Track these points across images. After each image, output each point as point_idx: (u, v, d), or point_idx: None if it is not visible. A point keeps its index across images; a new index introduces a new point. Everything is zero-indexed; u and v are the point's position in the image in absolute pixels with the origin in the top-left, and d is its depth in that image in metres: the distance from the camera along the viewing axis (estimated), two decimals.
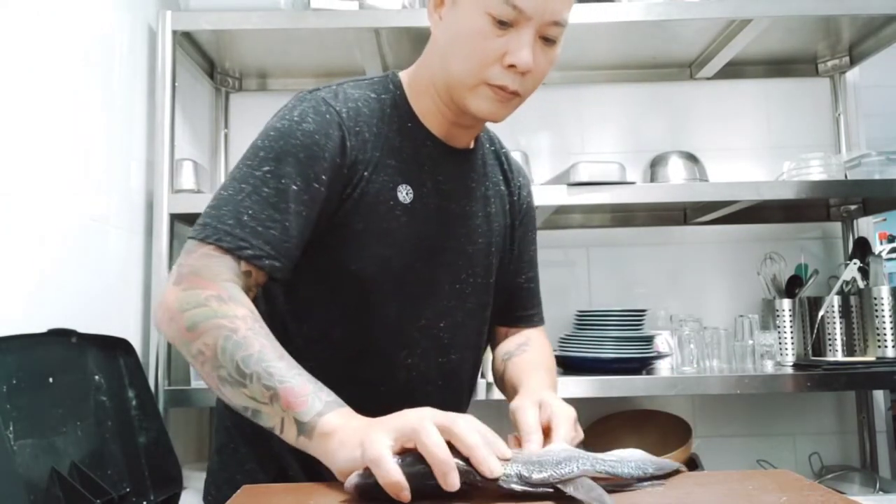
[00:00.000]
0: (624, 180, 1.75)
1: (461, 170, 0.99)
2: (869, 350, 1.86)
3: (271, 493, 0.71)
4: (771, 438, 2.07)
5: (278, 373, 0.72)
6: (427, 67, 0.95)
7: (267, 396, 0.72)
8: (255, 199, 0.83)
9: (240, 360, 0.73)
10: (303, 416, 0.70)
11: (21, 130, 1.21)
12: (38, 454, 1.08)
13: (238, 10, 1.73)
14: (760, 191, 1.75)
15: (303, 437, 0.70)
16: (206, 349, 0.76)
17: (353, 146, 0.89)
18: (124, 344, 1.38)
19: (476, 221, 1.00)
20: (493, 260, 1.03)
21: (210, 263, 0.80)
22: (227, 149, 2.14)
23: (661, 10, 1.77)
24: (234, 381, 0.74)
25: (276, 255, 0.82)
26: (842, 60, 2.11)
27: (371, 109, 0.92)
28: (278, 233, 0.82)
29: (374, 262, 0.90)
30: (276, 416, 0.72)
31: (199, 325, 0.76)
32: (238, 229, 0.81)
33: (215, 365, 0.75)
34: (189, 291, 0.79)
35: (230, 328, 0.75)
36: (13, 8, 1.20)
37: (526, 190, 1.14)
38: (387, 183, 0.91)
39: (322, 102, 0.90)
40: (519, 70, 0.85)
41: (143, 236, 1.68)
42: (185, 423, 1.92)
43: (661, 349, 1.84)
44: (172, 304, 0.79)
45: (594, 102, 2.17)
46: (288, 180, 0.84)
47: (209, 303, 0.77)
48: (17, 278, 1.18)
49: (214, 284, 0.79)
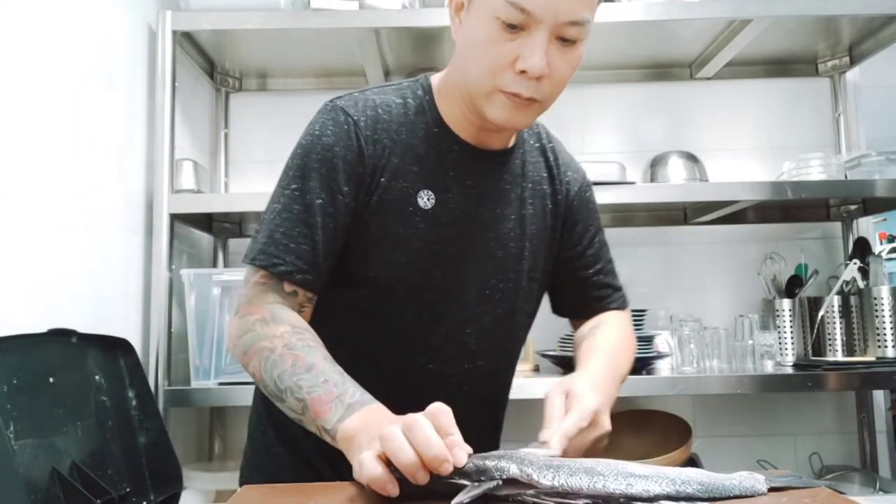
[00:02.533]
0: (624, 180, 1.76)
1: (493, 173, 0.96)
2: (869, 350, 1.86)
3: (271, 493, 0.71)
4: (771, 438, 2.07)
5: (306, 384, 0.77)
6: (452, 73, 0.94)
7: (300, 408, 0.77)
8: (285, 217, 0.88)
9: (276, 377, 0.80)
10: (327, 424, 0.74)
11: (21, 130, 1.21)
12: (39, 454, 1.08)
13: (238, 10, 1.73)
14: (760, 191, 1.75)
15: (335, 442, 0.74)
16: (255, 371, 0.83)
17: (371, 154, 0.90)
18: (124, 344, 1.38)
19: (508, 225, 0.97)
20: (526, 264, 0.99)
21: (258, 291, 0.88)
22: (227, 149, 2.14)
23: (661, 10, 1.77)
24: (276, 396, 0.81)
25: (307, 269, 0.87)
26: (842, 60, 2.11)
27: (392, 115, 0.92)
28: (308, 248, 0.87)
29: (390, 268, 0.91)
30: (312, 425, 0.77)
31: (249, 349, 0.84)
32: (272, 247, 0.87)
33: (263, 384, 0.83)
34: (243, 319, 0.87)
35: (269, 348, 0.81)
36: (13, 8, 1.20)
37: (577, 185, 1.06)
38: (406, 189, 0.91)
39: (340, 112, 0.91)
40: (530, 76, 0.81)
41: (143, 236, 1.68)
42: (185, 423, 1.92)
43: (661, 349, 1.84)
44: (233, 333, 0.88)
45: (594, 102, 2.17)
46: (312, 195, 0.88)
47: (254, 327, 0.84)
48: (17, 278, 1.18)
49: (260, 308, 0.86)
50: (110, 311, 1.50)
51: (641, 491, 0.62)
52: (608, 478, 0.63)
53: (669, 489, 0.63)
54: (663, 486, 0.63)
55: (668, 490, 0.63)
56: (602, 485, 0.62)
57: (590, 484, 0.62)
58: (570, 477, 0.63)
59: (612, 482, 0.63)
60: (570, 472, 0.63)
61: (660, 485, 0.63)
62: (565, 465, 0.64)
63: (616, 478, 0.63)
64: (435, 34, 1.82)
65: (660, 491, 0.63)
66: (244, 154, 2.15)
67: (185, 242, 1.90)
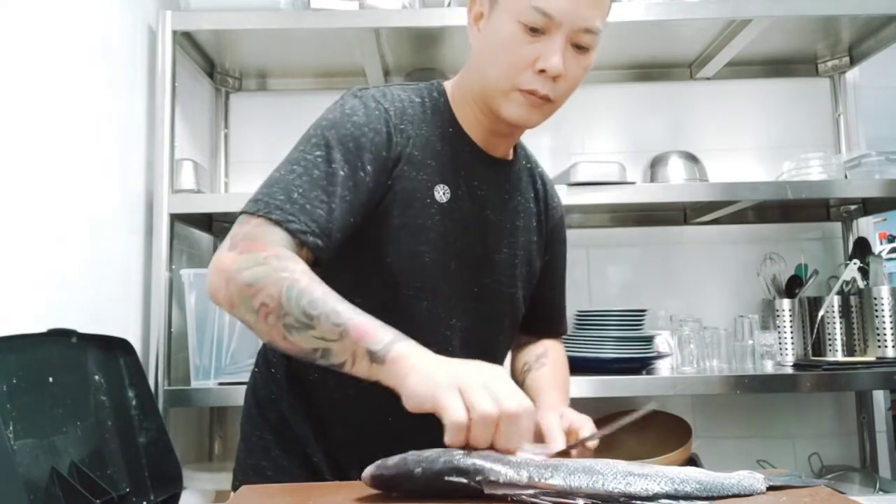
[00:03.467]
0: (624, 180, 1.75)
1: (497, 179, 1.02)
2: (869, 350, 1.86)
3: (271, 493, 0.71)
4: (771, 438, 2.07)
5: (345, 311, 0.76)
6: (467, 77, 0.98)
7: (337, 333, 0.75)
8: (305, 180, 0.86)
9: (306, 304, 0.76)
10: (375, 346, 0.73)
11: (21, 130, 1.21)
12: (39, 454, 1.08)
13: (238, 10, 1.73)
14: (760, 191, 1.75)
15: (375, 364, 0.73)
16: (269, 300, 0.77)
17: (398, 142, 0.93)
18: (124, 344, 1.38)
19: (504, 231, 1.03)
20: (518, 271, 1.05)
21: (264, 231, 0.83)
22: (227, 149, 2.14)
23: (661, 10, 1.77)
24: (302, 324, 0.76)
25: (320, 234, 0.85)
26: (842, 60, 2.11)
27: (416, 110, 0.97)
28: (325, 213, 0.85)
29: (408, 257, 0.93)
30: (346, 351, 0.75)
31: (259, 279, 0.78)
32: (288, 205, 0.84)
33: (280, 314, 0.77)
34: (246, 254, 0.81)
35: (292, 278, 0.78)
36: (13, 8, 1.20)
37: (559, 212, 1.16)
38: (425, 181, 0.94)
39: (372, 99, 0.94)
40: (549, 75, 0.88)
41: (143, 236, 1.68)
42: (185, 423, 1.92)
43: (661, 349, 1.84)
44: (230, 266, 0.81)
45: (594, 102, 2.17)
46: (337, 166, 0.88)
47: (268, 261, 0.80)
48: (17, 278, 1.18)
49: (271, 247, 0.82)
50: (110, 311, 1.50)
51: (640, 490, 0.63)
52: (607, 477, 0.63)
53: (668, 488, 0.63)
54: (662, 485, 0.63)
55: (667, 489, 0.63)
56: (601, 484, 0.63)
57: (589, 483, 0.62)
58: (569, 476, 0.63)
59: (612, 481, 0.63)
60: (569, 472, 0.63)
61: (658, 483, 0.63)
62: (563, 465, 0.64)
63: (615, 477, 0.63)
64: (435, 34, 1.82)
65: (658, 489, 0.63)
66: (244, 154, 2.15)
67: (185, 242, 1.90)
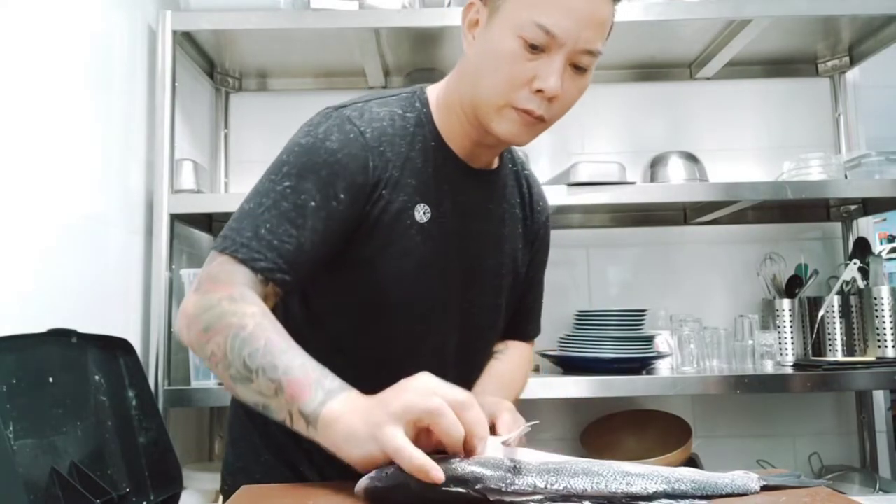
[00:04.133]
0: (624, 180, 1.75)
1: (481, 189, 1.00)
2: (869, 350, 1.86)
3: (271, 493, 0.71)
4: (771, 438, 2.07)
5: (282, 365, 0.73)
6: (456, 85, 0.94)
7: (272, 389, 0.73)
8: (273, 213, 0.84)
9: (246, 355, 0.75)
10: (306, 407, 0.71)
11: (21, 130, 1.21)
12: (38, 454, 1.08)
13: (238, 10, 1.73)
14: (760, 191, 1.75)
15: (311, 426, 0.71)
16: (217, 349, 0.78)
17: (376, 166, 0.89)
18: (124, 344, 1.38)
19: (489, 242, 1.01)
20: (503, 282, 1.03)
21: (228, 270, 0.83)
22: (227, 149, 2.14)
23: (661, 10, 1.77)
24: (243, 377, 0.75)
25: (287, 270, 0.84)
26: (842, 60, 2.11)
27: (395, 128, 0.92)
28: (293, 247, 0.84)
29: (389, 280, 0.91)
30: (283, 410, 0.73)
31: (212, 326, 0.78)
32: (255, 242, 0.83)
33: (226, 364, 0.77)
34: (205, 296, 0.81)
35: (239, 325, 0.77)
36: (13, 8, 1.20)
37: (545, 215, 1.13)
38: (405, 202, 0.91)
39: (347, 121, 0.90)
40: (546, 95, 0.85)
41: (143, 236, 1.68)
42: (185, 423, 1.92)
43: (661, 349, 1.84)
44: (190, 310, 0.82)
45: (594, 102, 2.17)
46: (307, 196, 0.85)
47: (221, 304, 0.79)
48: (17, 278, 1.18)
49: (228, 287, 0.81)
50: (110, 311, 1.50)
51: (641, 489, 0.63)
52: (608, 478, 0.63)
53: (665, 487, 0.64)
54: (659, 484, 0.64)
55: (664, 487, 0.64)
56: (604, 485, 0.63)
57: (592, 485, 0.62)
58: (572, 479, 0.63)
59: (613, 482, 0.63)
60: (571, 475, 0.63)
61: (656, 483, 0.64)
62: (563, 468, 0.64)
63: (615, 478, 0.64)
64: (435, 34, 1.82)
65: (657, 489, 0.63)
66: (244, 154, 2.15)
67: (185, 242, 1.90)
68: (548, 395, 1.67)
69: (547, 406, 2.03)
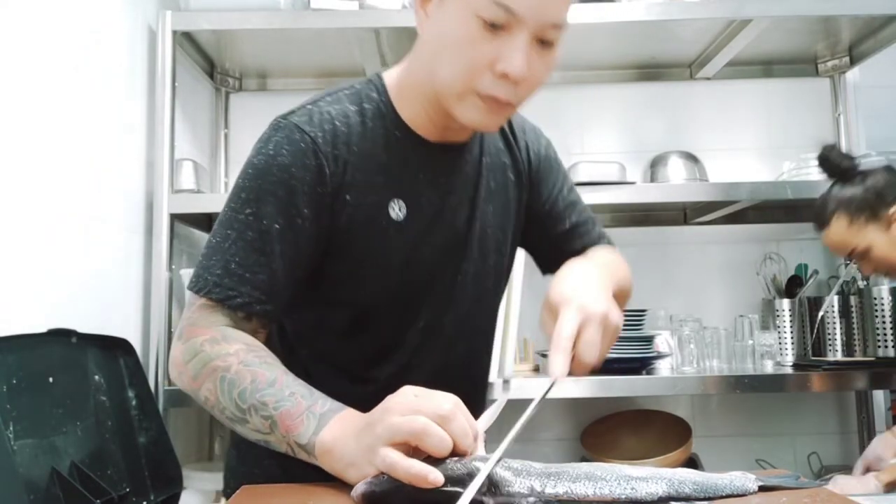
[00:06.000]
0: (624, 180, 1.76)
1: (458, 163, 0.93)
2: (869, 350, 1.87)
3: (271, 493, 0.71)
4: (771, 438, 2.07)
5: (272, 400, 0.74)
6: (415, 70, 0.87)
7: (267, 426, 0.74)
8: (240, 246, 0.82)
9: (236, 396, 0.75)
10: (301, 439, 0.72)
11: (21, 130, 1.21)
12: (38, 454, 1.08)
13: (238, 10, 1.73)
14: (760, 191, 1.75)
15: (311, 457, 0.72)
16: (209, 394, 0.78)
17: (333, 172, 0.84)
18: (124, 344, 1.38)
19: (473, 207, 0.94)
20: (490, 242, 0.97)
21: (204, 314, 0.83)
22: (227, 149, 2.14)
23: (661, 10, 1.77)
24: (238, 418, 0.76)
25: (265, 300, 0.82)
26: (842, 60, 2.11)
27: (350, 127, 0.86)
28: (266, 277, 0.82)
29: (369, 284, 0.89)
30: (282, 443, 0.74)
31: (200, 372, 0.79)
32: (226, 279, 0.82)
33: (220, 408, 0.78)
34: (188, 343, 0.81)
35: (224, 367, 0.77)
36: (13, 8, 1.20)
37: (535, 145, 1.04)
38: (376, 202, 0.87)
39: (296, 130, 0.84)
40: (512, 80, 0.76)
41: (143, 236, 1.68)
42: (185, 423, 1.92)
43: (661, 349, 1.84)
44: (178, 359, 0.82)
45: (594, 102, 2.17)
46: (269, 220, 0.82)
47: (203, 348, 0.79)
48: (17, 278, 1.18)
49: (208, 329, 0.81)
50: (110, 311, 1.50)
51: (645, 494, 0.63)
52: (611, 482, 0.63)
53: (669, 490, 0.63)
54: (663, 487, 0.63)
55: (669, 491, 0.63)
56: (608, 490, 0.62)
57: (595, 490, 0.62)
58: (573, 483, 0.62)
59: (616, 487, 0.63)
60: (572, 479, 0.63)
61: (659, 486, 0.64)
62: (566, 473, 0.64)
63: (619, 482, 0.63)
64: None
65: (662, 493, 0.63)
66: (244, 154, 2.11)
67: (185, 242, 1.89)
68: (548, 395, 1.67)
69: (547, 406, 2.03)
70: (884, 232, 1.46)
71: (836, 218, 1.50)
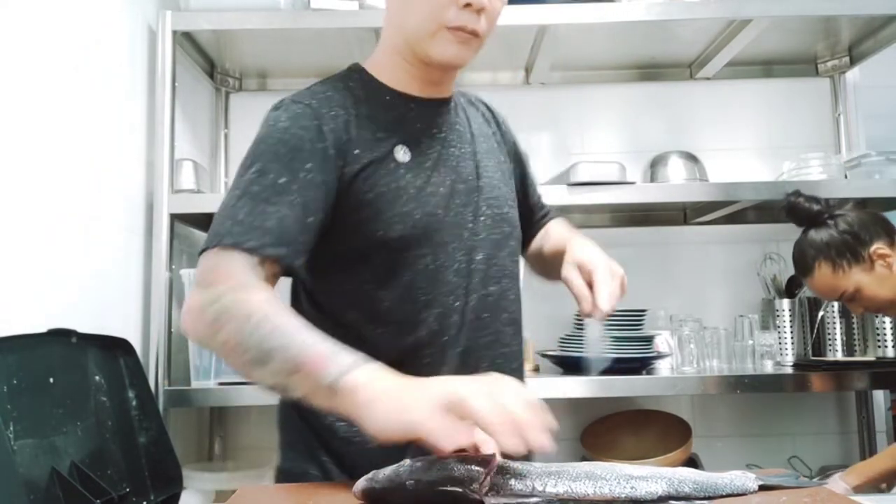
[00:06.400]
0: (624, 180, 1.75)
1: (449, 117, 1.04)
2: (869, 350, 1.87)
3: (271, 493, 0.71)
4: (771, 438, 2.07)
5: (297, 343, 0.75)
6: (387, 39, 1.01)
7: (289, 368, 0.74)
8: (246, 200, 0.86)
9: (260, 338, 0.76)
10: (325, 378, 0.71)
11: (21, 130, 1.21)
12: (39, 454, 1.08)
13: (238, 10, 1.73)
14: (760, 191, 1.75)
15: (333, 397, 0.71)
16: (230, 337, 0.78)
17: (334, 128, 0.92)
18: (124, 344, 1.38)
19: (476, 160, 1.04)
20: (500, 192, 1.06)
21: (221, 260, 0.84)
22: (227, 149, 2.14)
23: (661, 10, 1.77)
24: (259, 360, 0.76)
25: (277, 243, 0.84)
26: (842, 60, 2.12)
27: (340, 93, 0.96)
28: (275, 223, 0.85)
29: (397, 221, 0.92)
30: (303, 385, 0.74)
31: (220, 316, 0.79)
32: (236, 227, 0.84)
33: (240, 351, 0.78)
34: (207, 290, 0.82)
35: (248, 312, 0.78)
36: (13, 8, 1.20)
37: (508, 126, 1.18)
38: (383, 151, 0.94)
39: (291, 103, 0.94)
40: (475, 7, 0.89)
41: (143, 236, 1.68)
42: (185, 423, 1.92)
43: (661, 349, 1.84)
44: (194, 305, 0.83)
45: (594, 102, 2.17)
46: (274, 175, 0.87)
47: (226, 295, 0.80)
48: (17, 278, 1.18)
49: (229, 278, 0.82)
50: (110, 311, 1.50)
51: (645, 493, 0.63)
52: (611, 482, 0.63)
53: (669, 489, 0.64)
54: (663, 487, 0.64)
55: (669, 490, 0.63)
56: (608, 489, 0.63)
57: (595, 489, 0.62)
58: (573, 483, 0.63)
59: (616, 486, 0.63)
60: (572, 479, 0.63)
61: (659, 485, 0.64)
62: (566, 472, 0.64)
63: (619, 481, 0.63)
64: None
65: (662, 492, 0.63)
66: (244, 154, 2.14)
67: (185, 242, 1.90)
68: (548, 395, 1.67)
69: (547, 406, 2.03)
70: (869, 272, 1.47)
71: (818, 266, 1.51)
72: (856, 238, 1.47)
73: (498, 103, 1.18)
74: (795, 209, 1.56)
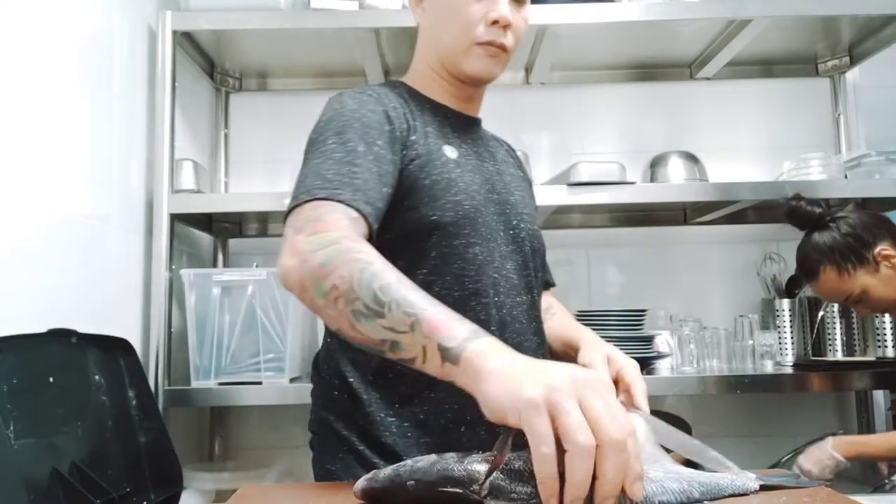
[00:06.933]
0: (624, 180, 1.75)
1: (482, 135, 1.14)
2: (869, 350, 1.87)
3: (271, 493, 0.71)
4: (771, 438, 2.07)
5: (419, 301, 0.70)
6: (421, 58, 1.09)
7: (408, 324, 0.68)
8: (331, 164, 0.89)
9: (377, 288, 0.71)
10: (448, 342, 0.66)
11: (21, 130, 1.21)
12: (39, 454, 1.08)
13: (238, 10, 1.73)
14: (760, 191, 1.75)
15: (448, 363, 0.65)
16: (340, 282, 0.74)
17: (395, 116, 0.99)
18: (124, 344, 1.38)
19: (507, 178, 1.12)
20: (528, 210, 1.12)
21: (323, 212, 0.82)
22: (227, 149, 2.14)
23: (661, 10, 1.77)
24: (371, 311, 0.71)
25: (366, 201, 0.86)
26: (842, 60, 2.12)
27: (391, 97, 1.03)
28: (361, 182, 0.87)
29: (449, 208, 0.97)
30: (416, 345, 0.68)
31: (333, 260, 0.75)
32: (327, 184, 0.85)
33: (350, 298, 0.73)
34: (316, 235, 0.79)
35: (366, 261, 0.75)
36: (13, 8, 1.20)
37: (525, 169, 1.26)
38: (433, 143, 1.02)
39: (355, 93, 1.01)
40: (501, 24, 0.99)
41: (143, 236, 1.68)
42: (185, 423, 1.92)
43: (661, 349, 1.84)
44: (302, 248, 0.79)
45: (594, 102, 2.17)
46: (353, 144, 0.91)
47: (341, 241, 0.78)
48: (17, 278, 1.18)
49: (338, 228, 0.81)
50: (110, 311, 1.50)
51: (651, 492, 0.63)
52: None
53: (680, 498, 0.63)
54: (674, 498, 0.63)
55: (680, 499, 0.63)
56: None
57: None
58: None
59: None
60: None
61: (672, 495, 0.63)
62: None
63: None
64: None
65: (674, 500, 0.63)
66: (244, 154, 2.15)
67: (185, 242, 1.90)
68: None
69: None
70: (874, 274, 1.47)
71: (823, 270, 1.51)
72: (859, 240, 1.47)
73: (498, 103, 1.20)
74: (796, 213, 1.56)
